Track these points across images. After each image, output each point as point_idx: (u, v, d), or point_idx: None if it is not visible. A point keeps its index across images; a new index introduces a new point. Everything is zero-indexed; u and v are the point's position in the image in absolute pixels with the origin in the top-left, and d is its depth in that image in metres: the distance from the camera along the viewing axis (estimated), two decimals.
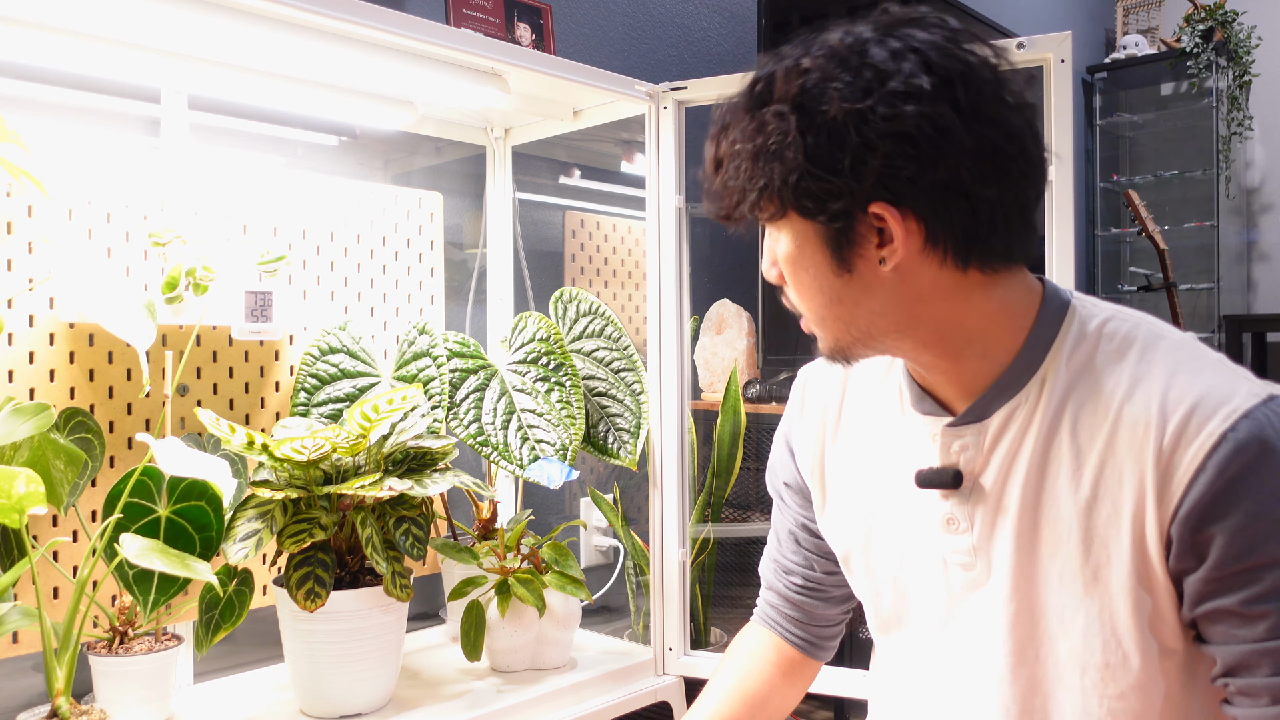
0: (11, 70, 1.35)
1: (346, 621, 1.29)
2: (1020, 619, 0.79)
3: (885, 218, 0.71)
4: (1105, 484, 0.74)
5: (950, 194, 0.71)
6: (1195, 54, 3.82)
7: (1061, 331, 0.79)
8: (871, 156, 0.69)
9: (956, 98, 0.69)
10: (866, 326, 0.77)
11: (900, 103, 0.68)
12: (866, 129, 0.69)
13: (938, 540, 0.84)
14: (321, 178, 1.62)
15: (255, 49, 1.38)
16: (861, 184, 0.70)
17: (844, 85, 0.69)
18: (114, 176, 1.37)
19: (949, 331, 0.78)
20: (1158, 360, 0.75)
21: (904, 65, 0.69)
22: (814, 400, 0.97)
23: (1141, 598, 0.74)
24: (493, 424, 1.59)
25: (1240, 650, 0.71)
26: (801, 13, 2.53)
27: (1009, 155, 0.71)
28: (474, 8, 1.75)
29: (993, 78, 0.72)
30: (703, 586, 1.97)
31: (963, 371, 0.80)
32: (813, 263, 0.76)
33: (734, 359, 2.17)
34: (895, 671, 0.92)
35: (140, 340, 1.26)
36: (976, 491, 0.80)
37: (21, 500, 1.01)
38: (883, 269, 0.74)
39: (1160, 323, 0.79)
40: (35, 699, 1.29)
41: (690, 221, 1.68)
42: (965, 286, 0.76)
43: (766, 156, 0.72)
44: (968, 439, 0.80)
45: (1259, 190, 4.12)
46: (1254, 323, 3.78)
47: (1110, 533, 0.74)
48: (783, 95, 0.71)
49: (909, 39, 0.70)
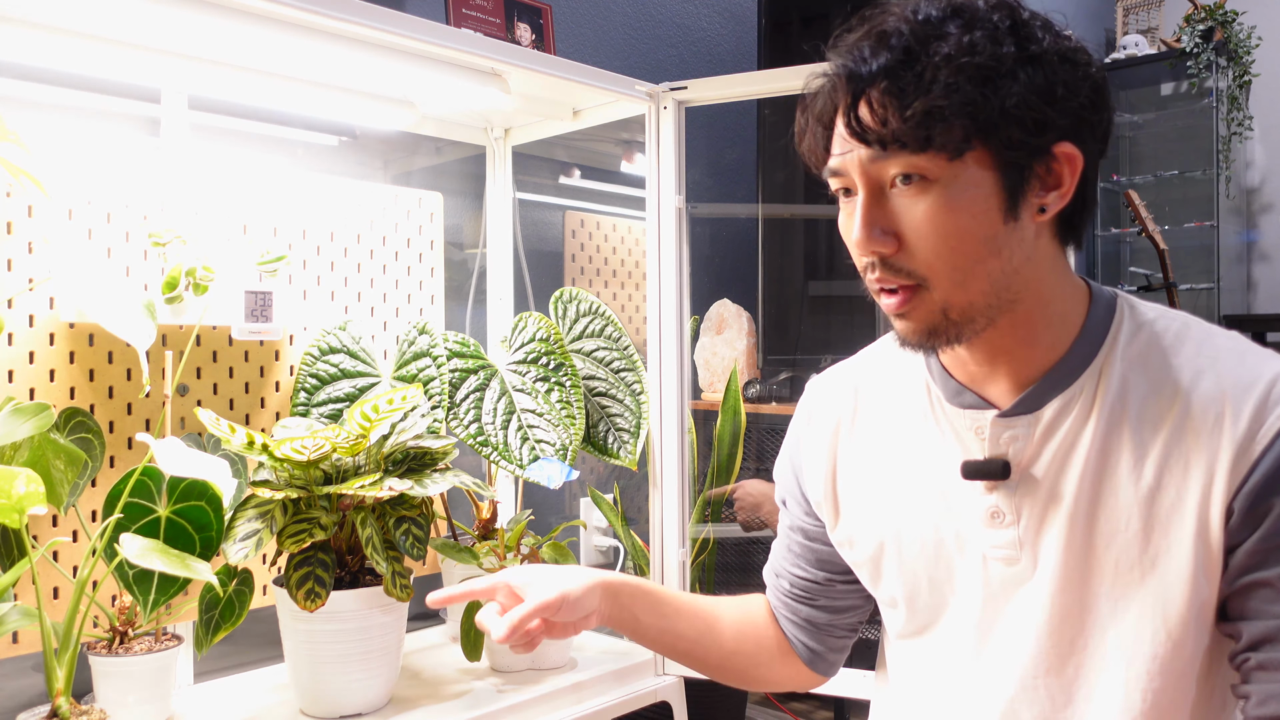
0: (11, 70, 1.35)
1: (346, 621, 1.28)
2: (1070, 611, 0.78)
3: (1064, 160, 0.73)
4: (1170, 472, 0.75)
5: (1100, 151, 0.76)
6: (1195, 54, 3.81)
7: (1114, 326, 0.80)
8: (1076, 96, 0.72)
9: (1103, 67, 0.76)
10: (1005, 286, 0.75)
11: (1085, 54, 0.73)
12: (1074, 69, 0.72)
13: (978, 536, 0.82)
14: (321, 178, 1.62)
15: (255, 49, 1.38)
16: (1066, 120, 0.72)
17: (1040, 27, 0.73)
18: (114, 176, 1.37)
19: (1039, 310, 0.78)
20: (1219, 352, 0.77)
21: (1064, 25, 0.75)
22: (824, 412, 0.96)
23: (1199, 585, 0.74)
24: (493, 424, 1.59)
25: (1269, 624, 0.72)
26: (801, 13, 2.53)
27: (1110, 136, 0.77)
28: (474, 8, 1.75)
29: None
30: (703, 586, 1.97)
31: (1028, 358, 0.80)
32: (981, 207, 0.73)
33: (734, 359, 2.17)
34: (920, 674, 0.90)
35: (140, 340, 1.26)
36: (1025, 482, 0.80)
37: (21, 500, 1.01)
38: (1039, 218, 0.75)
39: (1203, 320, 0.81)
40: (35, 699, 1.29)
41: (690, 221, 1.68)
42: (1058, 260, 0.79)
43: (985, 77, 0.70)
44: (1018, 430, 0.80)
45: (1259, 190, 4.12)
46: (1254, 323, 3.77)
47: (1173, 520, 0.75)
48: (986, 22, 0.71)
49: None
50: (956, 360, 0.84)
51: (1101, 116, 0.75)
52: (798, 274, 2.50)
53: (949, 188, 0.72)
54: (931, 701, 0.89)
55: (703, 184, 2.60)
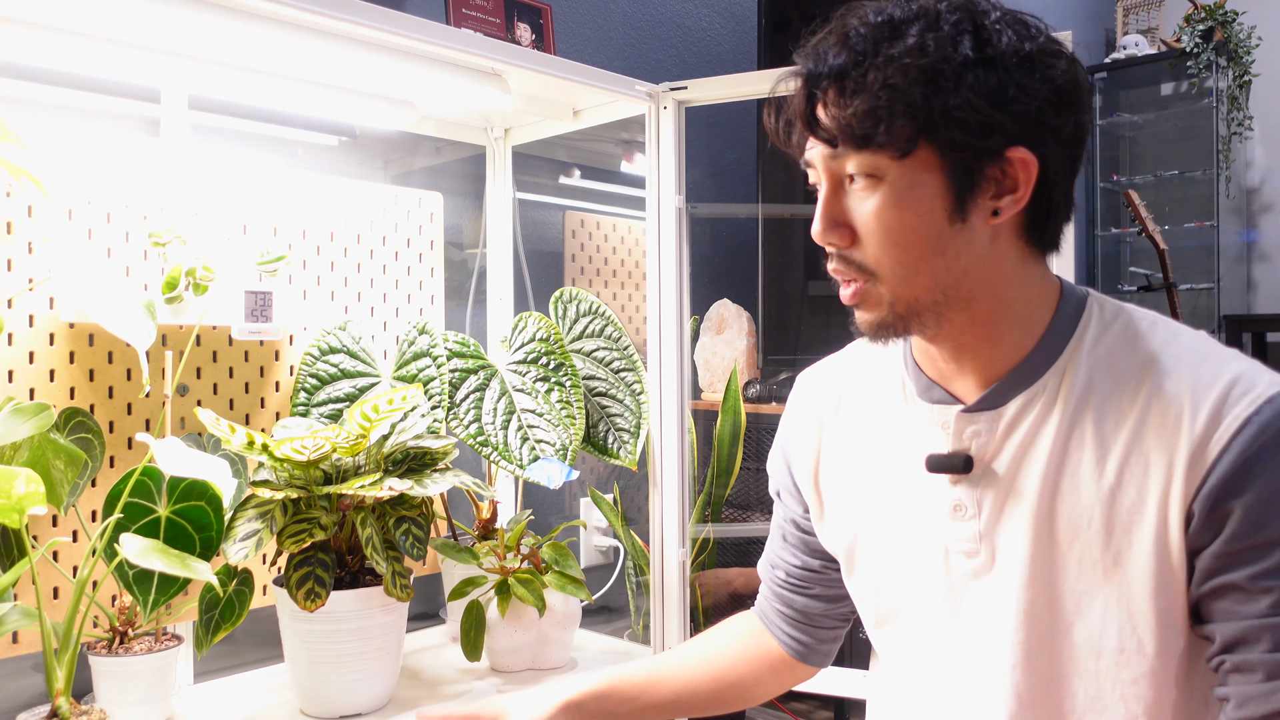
0: (11, 70, 1.35)
1: (346, 621, 1.28)
2: (1036, 606, 0.79)
3: (1018, 165, 0.73)
4: (1130, 472, 0.75)
5: (1067, 157, 0.76)
6: (1195, 54, 3.81)
7: (1081, 325, 0.80)
8: (1030, 100, 0.72)
9: (1079, 70, 0.75)
10: (952, 285, 0.77)
11: (1052, 57, 0.73)
12: (1031, 72, 0.72)
13: (942, 528, 0.84)
14: (321, 178, 1.62)
15: (255, 49, 1.38)
16: (1016, 125, 0.72)
17: (1006, 28, 0.73)
18: (114, 176, 1.37)
19: (1000, 310, 0.79)
20: (1182, 352, 0.77)
21: (1040, 26, 0.74)
22: (809, 405, 0.98)
23: (1160, 583, 0.75)
24: (493, 424, 1.59)
25: (1241, 626, 0.72)
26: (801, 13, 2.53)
27: (1085, 140, 0.77)
28: (474, 8, 1.75)
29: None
30: (703, 586, 1.97)
31: (991, 356, 0.80)
32: (927, 206, 0.74)
33: (734, 359, 2.17)
34: (894, 669, 0.92)
35: (140, 340, 1.26)
36: (987, 477, 0.81)
37: (21, 500, 1.01)
38: (992, 221, 0.75)
39: (1171, 319, 0.81)
40: (35, 699, 1.29)
41: (690, 221, 1.68)
42: (1025, 263, 0.79)
43: (929, 78, 0.71)
44: (980, 425, 0.81)
45: (1259, 190, 4.12)
46: (1254, 323, 3.78)
47: (1134, 519, 0.75)
48: (945, 23, 0.72)
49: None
50: (927, 356, 0.85)
51: (1065, 121, 0.74)
52: (798, 274, 2.50)
53: (896, 185, 0.74)
54: (909, 694, 0.90)
55: (703, 184, 2.60)
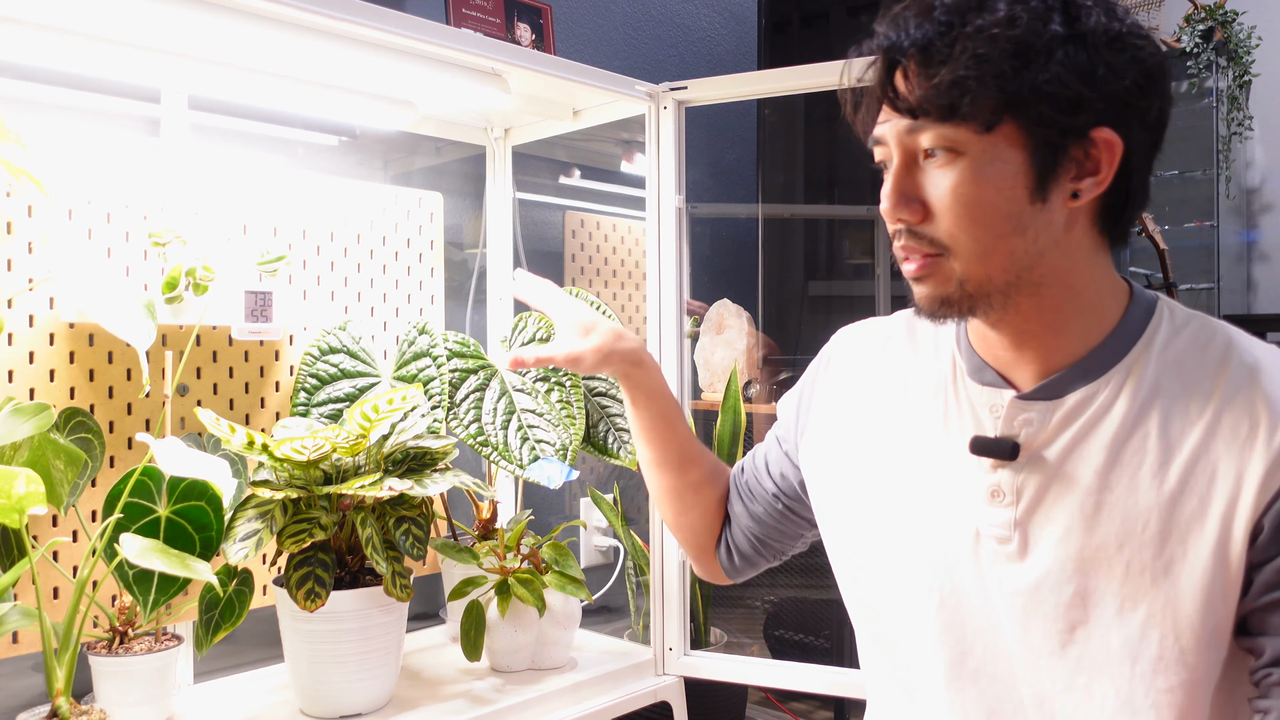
0: (11, 70, 1.35)
1: (346, 621, 1.29)
2: (1074, 601, 0.78)
3: (1102, 145, 0.72)
4: (1195, 480, 0.74)
5: (1149, 142, 0.75)
6: (1195, 54, 3.81)
7: (1151, 326, 0.79)
8: (1119, 80, 0.71)
9: (1165, 55, 0.74)
10: (1027, 268, 0.75)
11: (1140, 39, 0.72)
12: (1121, 52, 0.71)
13: (976, 511, 0.82)
14: (321, 178, 1.62)
15: (255, 49, 1.38)
16: (1104, 104, 0.71)
17: (1095, 6, 0.72)
18: (114, 176, 1.37)
19: (1069, 299, 0.78)
20: (1260, 364, 0.77)
21: (1126, 8, 0.74)
22: (845, 360, 0.97)
23: (1212, 595, 0.73)
24: (493, 424, 1.59)
25: None
26: (801, 13, 2.53)
27: (1166, 127, 0.76)
28: (474, 8, 1.75)
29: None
30: (702, 586, 1.97)
31: (1054, 346, 0.79)
32: (1009, 183, 0.73)
33: (734, 359, 2.17)
34: (900, 658, 0.89)
35: (140, 340, 1.26)
36: (1032, 465, 0.80)
37: (21, 500, 1.01)
38: (1070, 204, 0.74)
39: (1242, 331, 0.81)
40: (35, 699, 1.29)
41: (690, 221, 1.68)
42: (1095, 253, 0.78)
43: (1020, 51, 0.70)
44: (1033, 414, 0.80)
45: (1259, 190, 4.12)
46: (1254, 323, 3.77)
47: (1192, 528, 0.74)
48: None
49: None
50: (985, 343, 0.84)
51: (1151, 104, 0.73)
52: (798, 274, 2.50)
53: (977, 161, 0.73)
54: (916, 687, 0.88)
55: (703, 184, 2.60)
